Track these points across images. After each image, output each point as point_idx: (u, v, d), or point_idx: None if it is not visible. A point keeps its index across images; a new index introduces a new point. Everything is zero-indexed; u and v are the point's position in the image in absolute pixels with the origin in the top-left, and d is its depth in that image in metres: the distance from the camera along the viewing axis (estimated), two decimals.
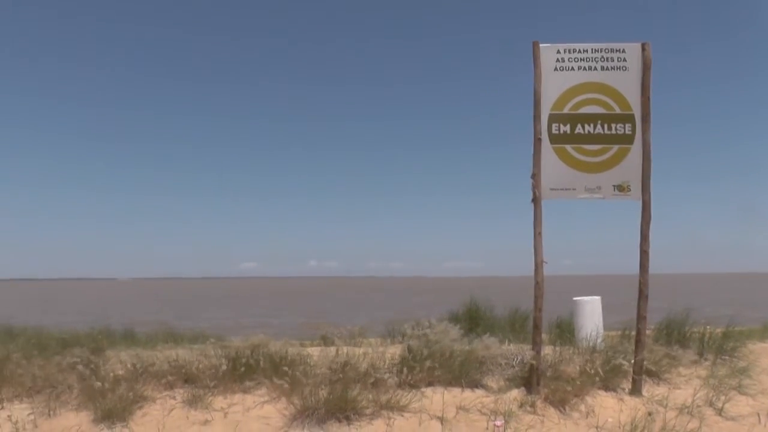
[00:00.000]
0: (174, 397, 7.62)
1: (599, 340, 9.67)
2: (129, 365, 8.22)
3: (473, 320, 12.01)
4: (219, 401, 7.50)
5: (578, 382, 7.90)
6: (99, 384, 7.56)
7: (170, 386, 7.85)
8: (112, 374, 7.95)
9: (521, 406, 7.56)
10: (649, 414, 7.49)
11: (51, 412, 7.32)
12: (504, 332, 10.61)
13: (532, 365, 7.99)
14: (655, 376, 8.70)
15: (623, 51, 8.23)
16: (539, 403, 7.63)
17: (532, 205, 8.23)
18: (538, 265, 8.21)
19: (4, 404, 7.65)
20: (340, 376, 7.72)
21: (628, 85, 8.22)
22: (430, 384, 7.91)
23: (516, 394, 7.83)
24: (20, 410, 7.46)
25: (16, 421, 7.10)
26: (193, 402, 7.44)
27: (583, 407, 7.64)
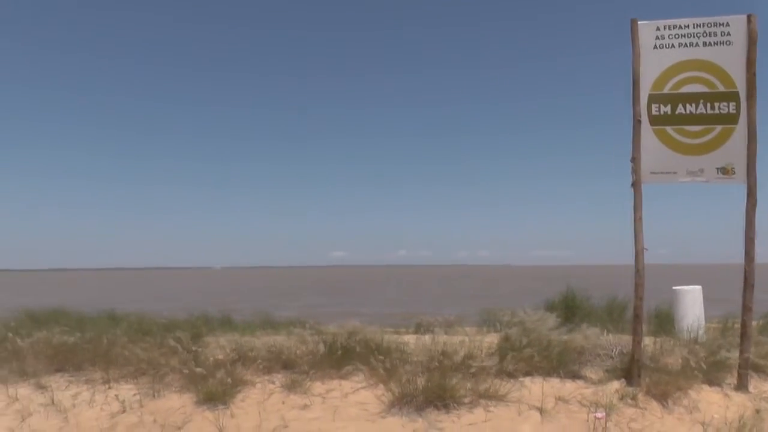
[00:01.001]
0: (273, 382, 7.78)
1: (701, 332, 9.40)
2: (228, 350, 8.44)
3: (570, 309, 11.83)
4: (317, 386, 7.62)
5: (681, 376, 7.68)
6: (200, 368, 7.80)
7: (269, 371, 8.02)
8: (212, 359, 8.19)
9: (622, 398, 7.34)
10: (757, 411, 7.21)
11: (155, 393, 7.61)
12: (601, 322, 10.40)
13: (632, 356, 7.78)
14: (762, 371, 8.32)
15: (727, 24, 7.87)
16: (641, 396, 7.40)
17: (631, 190, 8.01)
18: (639, 252, 7.95)
19: (111, 384, 8.04)
20: (437, 364, 7.72)
21: (732, 61, 7.84)
22: (527, 374, 7.82)
23: (616, 386, 7.62)
24: (126, 390, 7.82)
25: (123, 401, 7.45)
26: (291, 387, 7.58)
27: (686, 402, 7.36)
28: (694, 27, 7.93)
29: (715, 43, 7.87)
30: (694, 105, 7.93)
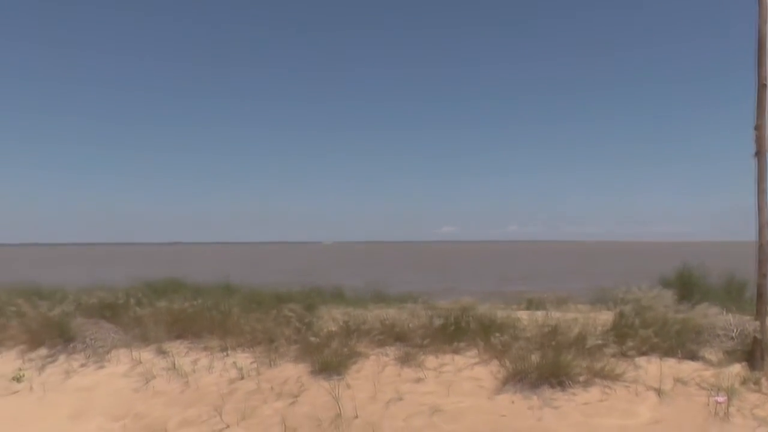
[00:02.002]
0: (386, 355, 7.86)
1: None
2: (341, 322, 8.55)
3: (686, 287, 11.37)
4: (430, 360, 7.64)
5: None
6: (314, 338, 7.95)
7: (382, 344, 8.10)
8: (325, 330, 8.32)
9: (744, 382, 6.93)
10: None
11: (271, 362, 7.83)
12: (720, 301, 9.96)
13: (755, 338, 7.38)
14: None
15: None
16: (764, 381, 6.97)
17: (754, 160, 7.52)
18: (763, 226, 7.40)
19: (229, 352, 8.32)
20: (551, 341, 7.62)
21: None
22: (643, 353, 7.58)
23: (737, 369, 7.23)
24: (243, 358, 8.09)
25: (241, 368, 7.71)
26: (405, 360, 7.64)
27: None
28: None
29: None
30: None
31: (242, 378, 7.51)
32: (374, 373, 7.40)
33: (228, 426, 6.43)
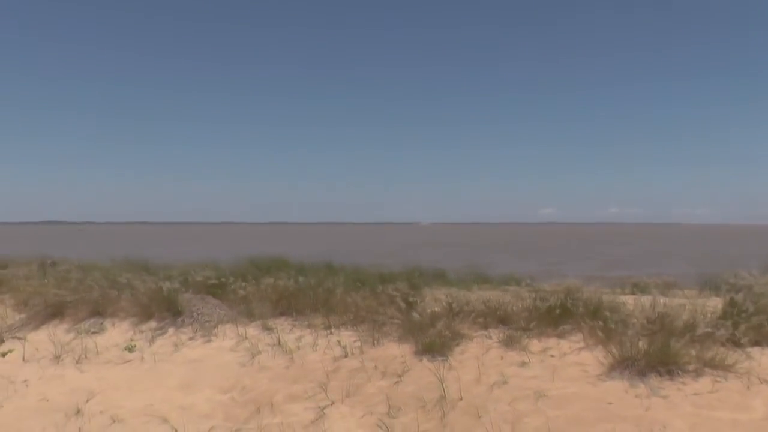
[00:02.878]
0: (490, 337, 7.84)
1: None
2: (444, 303, 8.56)
3: None
4: (534, 344, 7.58)
5: None
6: (418, 318, 7.99)
7: (485, 326, 8.08)
8: (428, 310, 8.35)
9: None
10: None
11: (375, 341, 7.94)
12: None
13: None
14: None
15: None
16: None
17: None
18: None
19: (333, 330, 8.48)
20: (659, 327, 7.44)
21: None
22: (756, 343, 7.29)
23: None
24: (347, 336, 8.25)
25: (345, 346, 7.86)
26: (508, 343, 7.59)
27: None
28: None
29: None
30: None
31: (346, 356, 7.64)
32: (478, 355, 7.39)
33: (333, 403, 6.56)
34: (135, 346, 8.79)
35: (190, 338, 8.84)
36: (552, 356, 7.31)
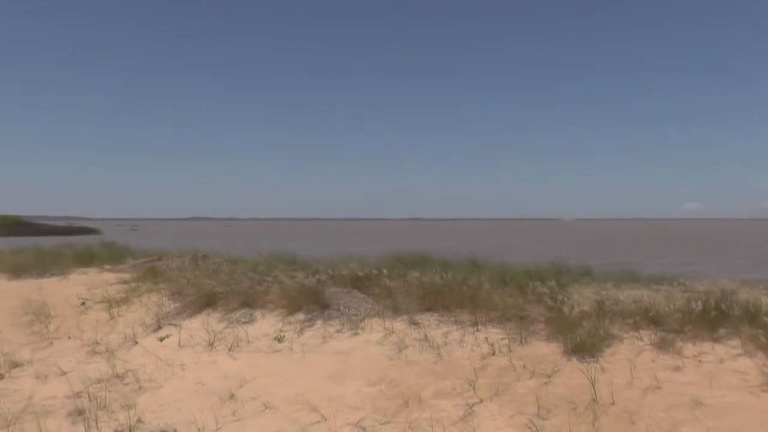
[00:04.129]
0: (641, 339, 7.64)
1: None
2: (593, 302, 8.40)
3: None
4: (688, 348, 7.33)
5: None
6: (567, 316, 7.89)
7: (636, 327, 7.88)
8: (577, 309, 8.21)
9: None
10: None
11: (522, 340, 7.90)
12: None
13: None
14: None
15: None
16: None
17: None
18: None
19: (479, 327, 8.48)
20: None
21: None
22: None
23: None
24: (494, 334, 8.22)
25: (492, 344, 7.83)
26: (661, 345, 7.38)
27: None
28: None
29: None
30: None
31: (494, 354, 7.62)
32: (629, 357, 7.21)
33: (482, 401, 6.55)
34: (284, 336, 9.06)
35: (338, 331, 9.05)
36: (708, 361, 7.02)
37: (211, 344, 9.18)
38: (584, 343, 7.36)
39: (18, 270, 16.34)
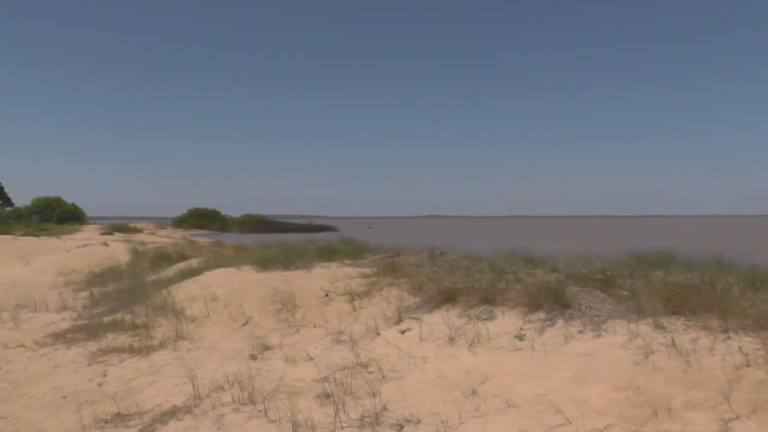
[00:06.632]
0: None
1: None
2: None
3: None
4: None
5: None
6: None
7: None
8: None
9: None
10: None
11: None
12: None
13: None
14: None
15: None
16: None
17: None
18: None
19: (730, 334, 8.07)
20: None
21: None
22: None
23: None
24: (748, 343, 7.75)
25: (747, 354, 7.39)
26: None
27: None
28: None
29: None
30: None
31: (748, 365, 7.18)
32: None
33: (738, 417, 6.24)
34: (525, 335, 9.16)
35: (579, 331, 9.00)
36: None
37: (451, 339, 9.46)
38: None
39: (265, 263, 17.54)
